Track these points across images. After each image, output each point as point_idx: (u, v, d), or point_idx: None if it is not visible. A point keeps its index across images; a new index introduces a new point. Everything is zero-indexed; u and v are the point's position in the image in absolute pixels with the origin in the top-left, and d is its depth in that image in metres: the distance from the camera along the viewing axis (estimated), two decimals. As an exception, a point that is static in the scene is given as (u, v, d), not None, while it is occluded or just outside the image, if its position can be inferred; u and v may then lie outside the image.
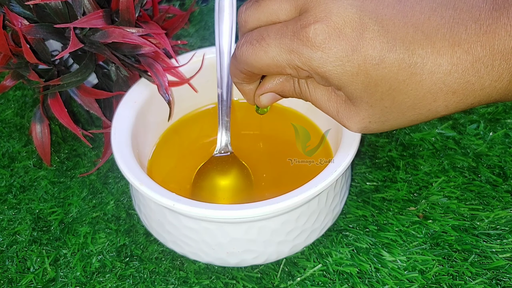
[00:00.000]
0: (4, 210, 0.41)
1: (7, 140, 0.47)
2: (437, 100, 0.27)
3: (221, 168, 0.37)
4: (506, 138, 0.43)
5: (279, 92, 0.33)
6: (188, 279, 0.35)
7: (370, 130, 0.30)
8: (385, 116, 0.29)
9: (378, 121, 0.29)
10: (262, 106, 0.34)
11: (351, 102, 0.29)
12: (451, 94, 0.26)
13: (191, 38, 0.56)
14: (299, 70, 0.28)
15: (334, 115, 0.31)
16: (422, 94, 0.27)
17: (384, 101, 0.27)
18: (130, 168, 0.32)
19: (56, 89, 0.39)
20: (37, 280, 0.36)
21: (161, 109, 0.39)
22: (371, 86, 0.27)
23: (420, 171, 0.41)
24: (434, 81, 0.26)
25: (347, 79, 0.27)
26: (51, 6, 0.37)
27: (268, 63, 0.29)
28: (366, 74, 0.26)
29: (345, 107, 0.30)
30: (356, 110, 0.29)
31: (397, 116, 0.28)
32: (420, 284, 0.34)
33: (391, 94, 0.27)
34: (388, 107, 0.28)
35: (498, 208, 0.38)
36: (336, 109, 0.30)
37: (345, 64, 0.26)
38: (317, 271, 0.35)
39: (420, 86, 0.26)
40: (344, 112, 0.30)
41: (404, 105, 0.27)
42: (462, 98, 0.27)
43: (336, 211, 0.36)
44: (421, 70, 0.26)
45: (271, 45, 0.28)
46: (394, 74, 0.26)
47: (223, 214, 0.30)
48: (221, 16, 0.37)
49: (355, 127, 0.30)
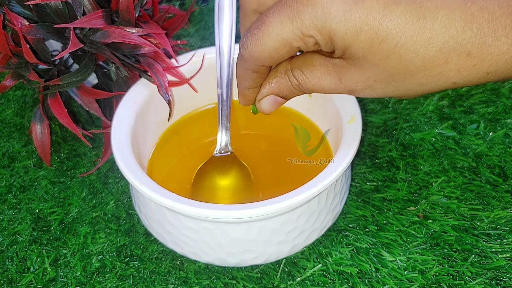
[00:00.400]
0: (4, 210, 0.41)
1: (7, 140, 0.47)
2: (449, 61, 0.25)
3: (221, 168, 0.37)
4: (506, 138, 0.43)
5: (277, 92, 0.32)
6: (188, 279, 0.35)
7: (376, 91, 0.28)
8: (391, 76, 0.27)
9: (384, 81, 0.27)
10: (265, 111, 0.33)
11: (353, 64, 0.27)
12: (465, 56, 0.24)
13: (191, 38, 0.56)
14: (305, 39, 0.27)
15: (338, 85, 0.29)
16: (433, 53, 0.25)
17: (390, 60, 0.26)
18: (130, 168, 0.32)
19: (56, 89, 0.39)
20: (37, 280, 0.36)
21: (161, 109, 0.39)
22: (376, 44, 0.25)
23: (420, 171, 0.41)
24: (446, 39, 0.24)
25: (351, 37, 0.25)
26: (51, 6, 0.37)
27: (275, 46, 0.27)
28: (370, 29, 0.25)
29: (347, 70, 0.28)
30: (360, 69, 0.27)
31: (405, 78, 0.26)
32: (420, 284, 0.34)
33: (398, 52, 0.25)
34: (394, 66, 0.26)
35: (498, 208, 0.38)
36: (338, 77, 0.29)
37: (347, 19, 0.25)
38: (317, 271, 0.35)
39: (430, 44, 0.24)
40: (346, 76, 0.28)
41: (412, 65, 0.25)
42: (477, 62, 0.24)
43: (336, 211, 0.36)
44: (431, 24, 0.24)
45: (271, 24, 0.27)
46: (401, 29, 0.24)
47: (223, 214, 0.30)
48: (221, 16, 0.37)
49: (361, 86, 0.28)
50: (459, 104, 0.46)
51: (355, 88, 0.28)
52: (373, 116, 0.46)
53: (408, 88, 0.27)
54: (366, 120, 0.46)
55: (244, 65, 0.30)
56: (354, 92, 0.29)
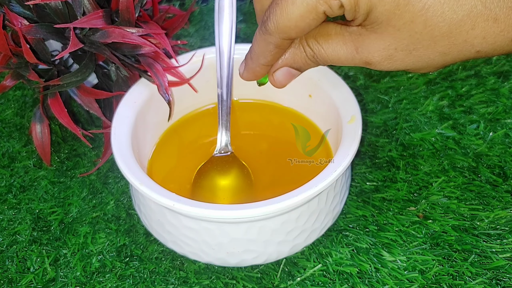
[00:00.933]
0: (4, 210, 0.41)
1: (7, 140, 0.47)
2: (475, 27, 0.24)
3: (221, 168, 0.37)
4: (506, 138, 0.43)
5: (291, 64, 0.30)
6: (188, 279, 0.35)
7: (395, 62, 0.27)
8: (414, 44, 0.25)
9: (405, 49, 0.26)
10: (279, 84, 0.32)
11: (373, 31, 0.26)
12: (492, 21, 0.24)
13: (191, 38, 0.56)
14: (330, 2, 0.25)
15: (354, 55, 0.28)
16: (460, 18, 0.24)
17: (415, 24, 0.24)
18: (130, 168, 0.32)
19: (56, 89, 0.39)
20: (37, 280, 0.36)
21: (161, 109, 0.39)
22: (402, 5, 0.24)
23: (420, 171, 0.41)
24: (475, 2, 0.23)
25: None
26: (51, 6, 0.37)
27: (300, 13, 0.26)
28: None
29: (364, 38, 0.27)
30: (380, 36, 0.26)
31: (428, 45, 0.25)
32: (420, 284, 0.34)
33: (424, 15, 0.24)
34: (418, 32, 0.25)
35: (498, 208, 0.38)
36: (354, 46, 0.27)
37: None
38: (317, 271, 0.35)
39: (458, 7, 0.23)
40: (364, 44, 0.27)
41: (438, 30, 0.24)
42: (504, 28, 0.24)
43: (336, 211, 0.36)
44: None
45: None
46: None
47: (223, 214, 0.30)
48: (221, 16, 0.37)
49: (379, 57, 0.27)
50: (459, 104, 0.46)
51: (372, 59, 0.27)
52: (373, 116, 0.46)
53: (429, 58, 0.26)
54: (366, 120, 0.46)
55: (267, 39, 0.28)
56: (370, 64, 0.28)
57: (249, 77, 0.32)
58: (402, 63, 0.27)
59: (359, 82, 0.50)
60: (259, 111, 0.43)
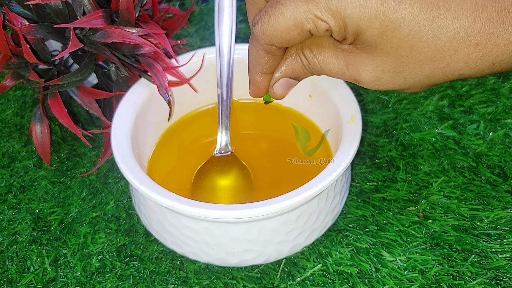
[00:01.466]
0: (4, 210, 0.41)
1: (7, 140, 0.47)
2: (458, 52, 0.25)
3: (221, 168, 0.37)
4: (506, 138, 0.43)
5: (290, 74, 0.31)
6: (188, 279, 0.35)
7: (382, 82, 0.28)
8: (400, 67, 0.27)
9: (392, 72, 0.27)
10: (279, 96, 0.33)
11: (363, 51, 0.27)
12: (474, 46, 0.25)
13: (191, 38, 0.56)
14: (317, 23, 0.26)
15: (344, 70, 0.29)
16: (443, 44, 0.25)
17: (402, 48, 0.26)
18: (130, 168, 0.32)
19: (56, 89, 0.39)
20: (37, 280, 0.36)
21: (161, 109, 0.39)
22: (389, 31, 0.25)
23: (420, 171, 0.41)
24: (457, 29, 0.24)
25: (365, 23, 0.25)
26: (51, 6, 0.37)
27: (287, 25, 0.27)
28: (384, 16, 0.25)
29: (355, 56, 0.28)
30: (369, 57, 0.27)
31: (413, 68, 0.26)
32: (420, 284, 0.34)
33: (410, 41, 0.25)
34: (405, 56, 0.26)
35: (498, 208, 0.38)
36: (345, 63, 0.29)
37: (363, 5, 0.25)
38: (317, 271, 0.35)
39: (442, 33, 0.25)
40: (354, 62, 0.28)
41: (422, 54, 0.26)
42: (485, 53, 0.25)
43: (336, 211, 0.36)
44: (444, 14, 0.24)
45: (286, 4, 0.27)
46: (415, 17, 0.24)
47: (223, 214, 0.30)
48: (221, 16, 0.37)
49: (367, 76, 0.28)
50: (459, 104, 0.46)
51: (360, 78, 0.28)
52: (373, 116, 0.46)
53: (415, 80, 0.27)
54: (366, 120, 0.46)
55: (256, 45, 0.29)
56: (359, 82, 0.29)
57: (254, 90, 0.33)
58: (389, 84, 0.28)
59: (359, 82, 0.50)
60: (259, 111, 0.43)
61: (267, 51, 0.29)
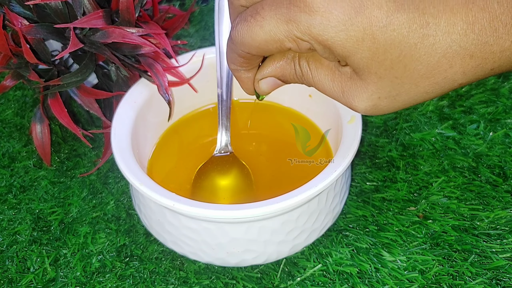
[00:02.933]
0: (4, 210, 0.41)
1: (7, 140, 0.47)
2: (453, 66, 0.24)
3: (221, 168, 0.37)
4: (506, 138, 0.43)
5: (279, 76, 0.30)
6: (188, 279, 0.35)
7: (380, 109, 0.27)
8: (397, 89, 0.26)
9: (388, 96, 0.26)
10: (263, 92, 0.32)
11: (357, 76, 0.26)
12: (469, 58, 0.24)
13: (191, 38, 0.56)
14: (299, 42, 0.26)
15: (339, 96, 0.28)
16: (437, 60, 0.24)
17: (395, 70, 0.25)
18: (130, 168, 0.32)
19: (56, 89, 0.39)
20: (37, 280, 0.36)
21: (161, 109, 0.39)
22: (379, 53, 0.24)
23: (420, 171, 0.41)
24: (449, 43, 0.24)
25: (352, 47, 0.24)
26: (51, 6, 0.37)
27: (265, 39, 0.26)
28: (372, 38, 0.24)
29: (351, 84, 0.27)
30: (364, 84, 0.26)
31: (410, 88, 0.26)
32: (420, 284, 0.34)
33: (402, 61, 0.24)
34: (399, 77, 0.25)
35: (498, 208, 0.38)
36: (341, 88, 0.27)
37: (348, 29, 0.24)
38: (317, 271, 0.35)
39: (434, 50, 0.24)
40: (350, 90, 0.27)
41: (417, 73, 0.25)
42: (481, 62, 0.24)
43: (336, 211, 0.36)
44: (434, 31, 0.24)
45: (266, 18, 0.25)
46: (404, 37, 0.24)
47: (223, 214, 0.30)
48: (221, 16, 0.37)
49: (364, 106, 0.27)
50: (459, 104, 0.46)
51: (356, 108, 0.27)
52: (373, 116, 0.46)
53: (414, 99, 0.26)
54: (366, 120, 0.46)
55: (231, 47, 0.29)
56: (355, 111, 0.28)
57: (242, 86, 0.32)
58: (388, 109, 0.27)
59: (359, 82, 0.50)
60: (259, 111, 0.43)
61: (242, 56, 0.29)
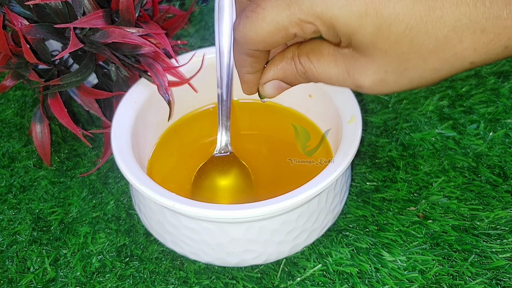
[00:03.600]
0: (4, 210, 0.41)
1: (7, 140, 0.47)
2: (463, 40, 0.23)
3: (221, 168, 0.37)
4: (506, 138, 0.43)
5: (282, 78, 0.30)
6: (188, 279, 0.35)
7: (387, 85, 0.26)
8: (404, 64, 0.25)
9: (396, 71, 0.25)
10: (268, 96, 0.32)
11: (361, 54, 0.26)
12: (480, 32, 0.23)
13: (191, 38, 0.56)
14: (303, 26, 0.25)
15: (345, 77, 0.27)
16: (445, 33, 0.23)
17: (401, 45, 0.24)
18: (130, 168, 0.32)
19: (56, 89, 0.39)
20: (37, 280, 0.36)
21: (161, 109, 0.39)
22: (384, 28, 0.24)
23: (420, 171, 0.41)
24: (458, 16, 0.23)
25: (355, 23, 0.24)
26: (51, 6, 0.37)
27: (269, 30, 0.26)
28: (376, 13, 0.23)
29: (355, 61, 0.26)
30: (369, 60, 0.25)
31: (418, 64, 0.25)
32: (420, 284, 0.34)
33: (408, 36, 0.24)
34: (406, 52, 0.24)
35: (498, 208, 0.38)
36: (345, 69, 0.27)
37: (350, 4, 0.23)
38: (317, 271, 0.35)
39: (442, 23, 0.23)
40: (354, 68, 0.26)
41: (424, 48, 0.24)
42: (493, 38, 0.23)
43: (336, 211, 0.36)
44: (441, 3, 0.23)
45: (267, 8, 0.25)
46: (410, 10, 0.23)
47: (223, 214, 0.30)
48: (221, 16, 0.37)
49: (370, 81, 0.26)
50: (459, 104, 0.46)
51: (363, 83, 0.27)
52: (373, 116, 0.46)
53: (422, 76, 0.25)
54: (366, 120, 0.46)
55: (238, 48, 0.28)
56: (362, 87, 0.27)
57: (245, 88, 0.32)
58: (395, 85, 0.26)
59: (359, 82, 0.50)
60: (259, 111, 0.43)
61: (250, 55, 0.28)
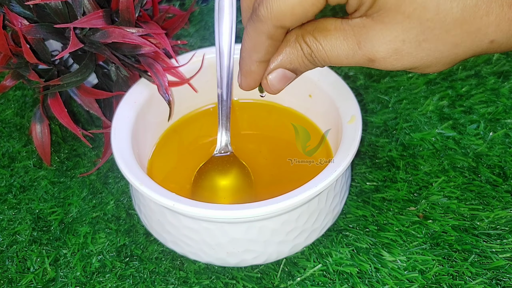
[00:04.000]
0: (4, 210, 0.41)
1: (7, 140, 0.47)
2: (490, 13, 0.23)
3: (221, 168, 0.37)
4: (506, 138, 0.43)
5: (287, 64, 0.28)
6: (188, 279, 0.35)
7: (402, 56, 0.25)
8: (425, 33, 0.24)
9: (414, 40, 0.24)
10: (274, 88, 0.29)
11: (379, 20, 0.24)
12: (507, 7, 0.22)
13: (191, 38, 0.56)
14: None
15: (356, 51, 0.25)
16: (475, 2, 0.22)
17: (427, 9, 0.23)
18: (130, 168, 0.32)
19: (56, 89, 0.39)
20: (37, 280, 0.36)
21: (161, 109, 0.39)
22: None
23: (420, 171, 0.41)
24: None
25: None
26: (51, 6, 0.37)
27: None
28: None
29: (368, 30, 0.25)
30: (387, 27, 0.24)
31: (439, 34, 0.23)
32: (420, 284, 0.34)
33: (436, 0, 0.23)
34: (430, 19, 0.23)
35: (498, 208, 0.38)
36: (356, 41, 0.25)
37: None
38: (317, 271, 0.35)
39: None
40: (368, 37, 0.25)
41: (450, 16, 0.23)
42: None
43: (336, 211, 0.36)
44: None
45: None
46: None
47: (223, 214, 0.30)
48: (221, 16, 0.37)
49: (385, 49, 0.25)
50: (459, 104, 0.46)
51: (376, 54, 0.25)
52: (373, 116, 0.46)
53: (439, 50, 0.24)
54: (366, 120, 0.46)
55: (259, 28, 0.26)
56: (374, 60, 0.25)
57: (246, 82, 0.30)
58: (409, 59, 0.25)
59: (359, 82, 0.50)
60: (259, 111, 0.43)
61: (271, 35, 0.26)
